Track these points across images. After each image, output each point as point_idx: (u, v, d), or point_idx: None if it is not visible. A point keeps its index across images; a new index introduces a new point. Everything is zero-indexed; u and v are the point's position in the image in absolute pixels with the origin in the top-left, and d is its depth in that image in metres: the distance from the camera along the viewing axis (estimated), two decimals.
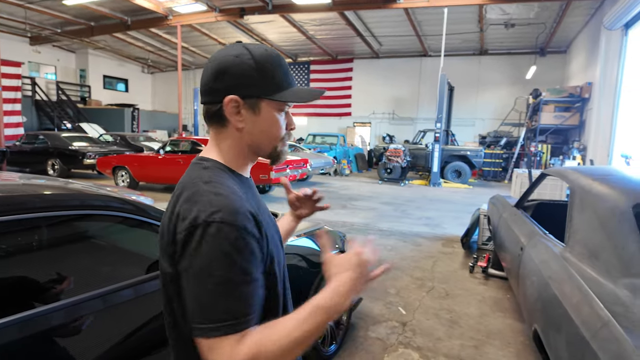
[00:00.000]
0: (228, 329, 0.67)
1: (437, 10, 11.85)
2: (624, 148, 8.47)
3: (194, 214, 0.71)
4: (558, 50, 15.30)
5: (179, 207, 0.75)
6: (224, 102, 0.80)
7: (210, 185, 0.76)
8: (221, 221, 0.69)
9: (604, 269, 1.72)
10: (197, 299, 0.69)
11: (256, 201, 0.86)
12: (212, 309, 0.68)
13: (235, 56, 0.80)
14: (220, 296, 0.68)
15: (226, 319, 0.67)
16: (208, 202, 0.72)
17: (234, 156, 0.86)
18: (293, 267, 2.29)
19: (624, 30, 8.67)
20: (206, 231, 0.69)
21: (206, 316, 0.68)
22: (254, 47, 0.83)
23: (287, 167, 8.37)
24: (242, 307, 0.69)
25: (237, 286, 0.69)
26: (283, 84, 0.84)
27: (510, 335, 3.00)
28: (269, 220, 0.88)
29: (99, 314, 1.36)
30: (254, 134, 0.84)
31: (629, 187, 1.98)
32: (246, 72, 0.80)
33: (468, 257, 4.88)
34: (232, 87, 0.80)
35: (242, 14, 12.88)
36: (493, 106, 16.64)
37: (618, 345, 1.29)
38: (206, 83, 0.82)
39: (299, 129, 19.97)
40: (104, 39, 17.72)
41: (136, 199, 1.81)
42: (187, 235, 0.71)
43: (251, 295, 0.71)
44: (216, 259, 0.68)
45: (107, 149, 11.53)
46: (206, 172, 0.80)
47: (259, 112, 0.83)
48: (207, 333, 0.67)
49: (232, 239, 0.69)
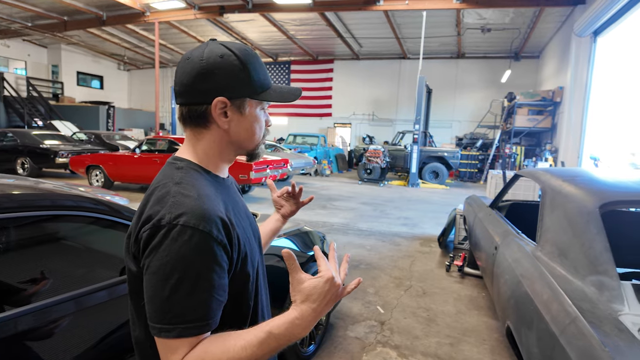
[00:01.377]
0: (180, 332, 0.67)
1: (416, 14, 12.03)
2: (593, 150, 8.82)
3: (160, 215, 0.71)
4: (531, 55, 15.78)
5: (148, 208, 0.74)
6: (212, 104, 0.80)
7: (180, 186, 0.75)
8: (185, 224, 0.69)
9: (572, 267, 1.79)
10: (154, 298, 0.69)
11: (232, 202, 0.86)
12: (167, 310, 0.68)
13: (220, 56, 0.79)
14: (176, 300, 0.68)
15: (179, 322, 0.67)
16: (175, 203, 0.71)
17: (212, 156, 0.85)
18: (271, 268, 2.28)
19: (592, 37, 9.03)
20: (169, 233, 0.69)
21: (162, 317, 0.68)
22: (235, 46, 0.82)
23: (267, 167, 8.32)
24: (197, 313, 0.69)
25: (194, 292, 0.68)
26: (265, 83, 0.85)
27: (485, 333, 3.07)
28: (244, 222, 0.87)
29: (71, 317, 1.32)
30: (238, 133, 0.84)
31: (596, 188, 2.06)
32: (233, 73, 0.80)
33: (445, 257, 4.98)
34: (220, 88, 0.79)
35: (222, 12, 12.74)
36: (470, 108, 17.01)
37: (585, 340, 1.34)
38: (187, 83, 0.80)
39: (280, 128, 19.90)
40: (77, 34, 17.17)
41: (110, 199, 1.77)
42: (150, 235, 0.70)
43: (208, 301, 0.70)
44: (175, 262, 0.68)
45: (80, 147, 11.18)
46: (178, 172, 0.80)
47: (245, 112, 0.83)
48: (160, 333, 0.68)
49: (194, 243, 0.69)
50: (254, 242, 0.90)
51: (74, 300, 1.34)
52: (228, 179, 0.92)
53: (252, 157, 0.90)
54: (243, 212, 0.91)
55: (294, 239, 2.61)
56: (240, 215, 0.87)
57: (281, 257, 2.42)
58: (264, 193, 9.59)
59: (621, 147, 7.66)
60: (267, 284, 0.99)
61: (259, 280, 0.90)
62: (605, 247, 1.69)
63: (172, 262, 0.68)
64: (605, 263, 1.64)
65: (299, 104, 19.63)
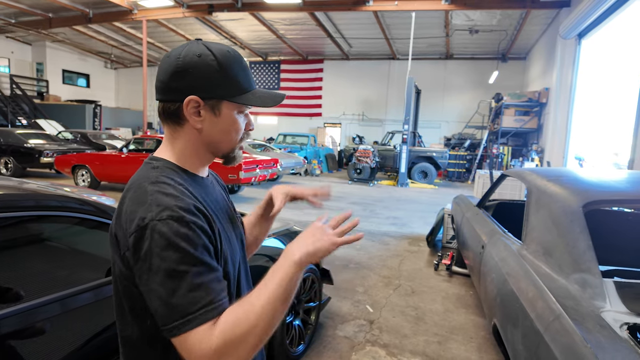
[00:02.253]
0: (200, 320, 0.67)
1: (405, 14, 12.11)
2: (578, 151, 8.99)
3: (141, 215, 0.70)
4: (518, 57, 16.01)
5: (126, 208, 0.74)
6: (183, 102, 0.79)
7: (157, 185, 0.75)
8: (169, 218, 0.69)
9: (556, 265, 1.82)
10: (162, 299, 0.68)
11: (212, 201, 0.85)
12: (180, 305, 0.67)
13: (198, 55, 0.79)
14: (184, 290, 0.67)
15: (195, 310, 0.67)
16: (154, 201, 0.71)
17: (188, 156, 0.85)
18: (260, 268, 2.27)
19: (577, 39, 9.20)
20: (155, 230, 0.68)
21: (176, 313, 0.67)
22: (216, 47, 0.82)
23: (257, 167, 8.30)
24: (208, 295, 0.69)
25: (198, 276, 0.69)
26: (245, 86, 0.84)
27: (473, 330, 3.11)
28: (225, 222, 0.87)
29: (56, 318, 1.30)
30: (212, 134, 0.84)
31: (580, 188, 2.11)
32: (209, 73, 0.79)
33: (433, 255, 5.02)
34: (193, 87, 0.79)
35: (211, 10, 12.65)
36: (458, 109, 17.19)
37: (568, 337, 1.37)
38: (163, 80, 0.81)
39: (270, 128, 19.84)
40: (63, 32, 16.89)
41: (96, 200, 1.74)
42: (138, 237, 0.70)
43: (214, 281, 0.71)
44: (170, 255, 0.68)
45: (66, 146, 11.00)
46: (154, 171, 0.79)
47: (219, 113, 0.82)
48: (181, 329, 0.67)
49: (183, 233, 0.69)
50: (236, 243, 0.90)
51: (59, 302, 1.32)
52: (207, 178, 0.91)
53: (228, 160, 0.89)
54: (224, 211, 0.90)
55: (283, 239, 2.61)
56: (221, 214, 0.87)
57: (270, 257, 2.40)
58: (254, 193, 9.55)
59: (605, 148, 7.82)
60: (253, 286, 0.99)
61: (240, 281, 0.89)
62: (588, 245, 1.73)
63: (168, 256, 0.68)
64: (588, 261, 1.67)
65: (289, 104, 19.61)
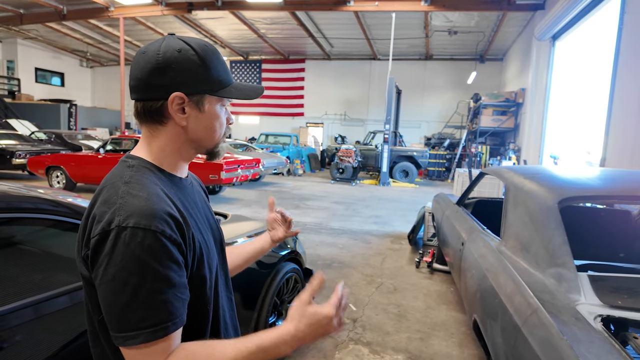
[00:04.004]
0: (147, 337, 0.65)
1: (386, 15, 12.22)
2: (553, 149, 9.25)
3: (108, 218, 0.68)
4: (496, 58, 16.37)
5: (96, 209, 0.71)
6: (168, 99, 0.77)
7: (129, 186, 0.72)
8: (135, 226, 0.66)
9: (533, 260, 1.87)
10: (113, 307, 0.66)
11: (189, 203, 0.83)
12: (129, 317, 0.65)
13: (178, 50, 0.77)
14: (137, 304, 0.65)
15: (144, 327, 0.65)
16: (123, 204, 0.69)
17: (169, 154, 0.83)
18: (245, 270, 2.24)
19: (551, 41, 9.47)
20: (119, 237, 0.66)
21: (124, 325, 0.65)
22: (194, 41, 0.80)
23: (239, 167, 8.22)
24: (160, 315, 0.66)
25: (154, 293, 0.66)
26: (226, 79, 0.83)
27: (454, 326, 3.16)
28: (203, 224, 0.85)
29: (29, 324, 1.25)
30: (197, 131, 0.82)
31: (555, 185, 2.17)
32: (191, 68, 0.77)
33: (414, 253, 5.08)
34: (177, 83, 0.77)
35: (190, 8, 12.46)
36: (438, 109, 17.45)
37: (545, 330, 1.41)
38: (142, 78, 0.78)
39: (252, 128, 19.70)
40: (35, 29, 16.32)
41: (72, 201, 1.69)
42: (100, 240, 0.67)
43: (170, 301, 0.68)
44: (130, 266, 0.65)
45: (39, 147, 10.65)
46: (129, 171, 0.76)
47: (204, 108, 0.81)
48: (126, 342, 0.65)
49: (147, 244, 0.66)
50: (213, 246, 0.88)
51: (33, 307, 1.27)
52: (186, 179, 0.89)
53: (212, 155, 0.88)
54: (202, 214, 0.88)
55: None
56: (199, 217, 0.85)
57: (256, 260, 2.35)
58: (235, 193, 9.47)
59: (578, 146, 8.08)
60: (232, 288, 0.96)
61: (218, 284, 0.87)
62: (563, 240, 1.78)
63: (127, 266, 0.65)
64: (564, 256, 1.72)
65: (271, 104, 19.52)
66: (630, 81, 5.31)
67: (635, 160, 4.94)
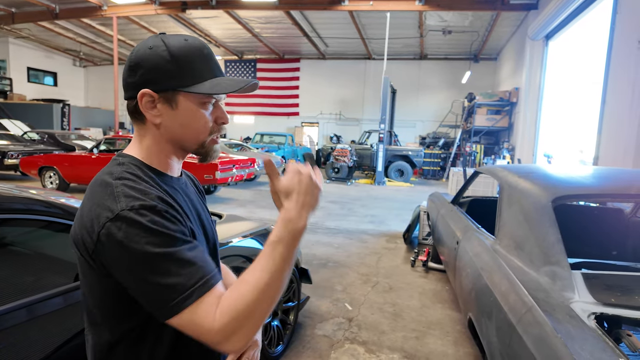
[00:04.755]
0: (200, 291, 0.66)
1: (380, 15, 12.23)
2: (547, 148, 9.31)
3: (108, 208, 0.68)
4: (490, 58, 16.45)
5: (90, 205, 0.71)
6: (137, 96, 0.77)
7: (122, 180, 0.73)
8: (140, 207, 0.68)
9: (528, 258, 1.88)
10: (154, 285, 0.66)
11: (182, 201, 0.82)
12: (174, 283, 0.66)
13: (149, 48, 0.77)
14: (175, 269, 0.66)
15: (192, 284, 0.66)
16: (121, 193, 0.70)
17: (156, 153, 0.82)
18: (235, 270, 2.22)
19: (545, 41, 9.53)
20: (127, 220, 0.67)
21: (172, 291, 0.66)
22: (173, 38, 0.79)
23: (234, 167, 8.19)
24: (200, 269, 0.68)
25: (184, 253, 0.68)
26: (203, 75, 0.79)
27: (449, 325, 3.17)
28: (194, 223, 0.83)
29: (23, 326, 1.24)
30: (173, 128, 0.80)
31: (549, 183, 2.18)
32: (159, 64, 0.76)
33: (410, 252, 5.09)
34: (145, 80, 0.76)
35: (184, 8, 12.39)
36: (432, 108, 17.51)
37: (540, 328, 1.41)
38: (123, 78, 0.80)
39: (247, 127, 19.64)
40: (27, 28, 16.16)
41: (65, 202, 1.67)
42: (109, 233, 0.67)
43: (201, 256, 0.71)
44: (152, 240, 0.67)
45: (32, 147, 10.55)
46: (119, 168, 0.77)
47: (177, 105, 0.78)
48: (183, 305, 0.65)
49: (157, 220, 0.68)
50: (205, 247, 0.86)
51: (26, 309, 1.26)
52: (179, 179, 0.88)
53: (202, 156, 0.85)
54: (195, 213, 0.87)
55: (260, 239, 2.58)
56: (191, 216, 0.83)
57: (246, 258, 2.36)
58: (230, 193, 9.44)
59: (571, 145, 8.14)
60: None
61: None
62: (557, 238, 1.79)
63: (150, 241, 0.66)
64: (558, 254, 1.73)
65: (266, 103, 19.50)
66: (622, 80, 5.36)
67: (628, 158, 4.99)
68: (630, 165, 4.88)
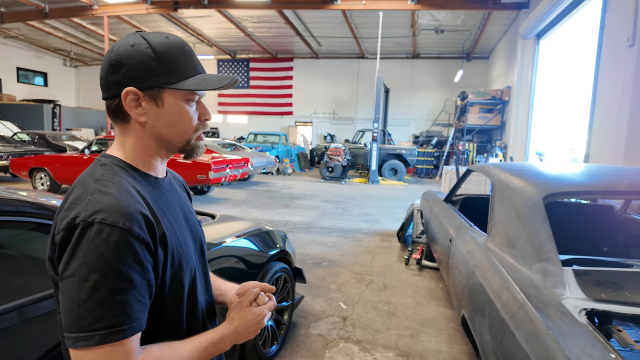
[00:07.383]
0: (101, 339, 0.63)
1: (373, 14, 12.25)
2: (538, 146, 9.39)
3: (75, 213, 0.66)
4: (482, 56, 16.55)
5: (65, 207, 0.70)
6: (121, 95, 0.75)
7: (100, 183, 0.71)
8: (102, 222, 0.65)
9: (520, 256, 1.89)
10: (69, 305, 0.63)
11: (165, 203, 0.81)
12: (84, 316, 0.63)
13: (131, 45, 0.76)
14: (94, 303, 0.63)
15: (99, 328, 0.63)
16: (92, 200, 0.67)
17: (140, 153, 0.81)
18: (229, 270, 2.23)
19: (536, 39, 9.60)
20: (84, 232, 0.64)
21: (78, 324, 0.63)
22: (154, 35, 0.78)
23: (227, 167, 8.16)
24: (117, 316, 0.64)
25: (114, 293, 0.64)
26: (187, 71, 0.79)
27: (443, 323, 3.19)
28: (179, 225, 0.82)
29: (12, 329, 1.23)
30: (159, 127, 0.79)
31: (541, 181, 2.20)
32: (144, 61, 0.75)
33: (404, 250, 5.11)
34: (129, 78, 0.75)
35: (176, 7, 12.31)
36: (425, 107, 17.58)
37: (532, 324, 1.42)
38: (102, 77, 0.77)
39: (240, 127, 19.57)
40: (16, 27, 15.95)
41: (56, 204, 1.65)
42: (65, 235, 0.66)
43: (129, 303, 0.66)
44: (93, 262, 0.63)
45: (22, 149, 10.43)
46: (101, 169, 0.76)
47: (162, 103, 0.78)
48: (77, 343, 0.63)
49: (112, 241, 0.65)
50: (191, 248, 0.85)
51: (16, 311, 1.25)
52: (164, 179, 0.87)
53: (186, 154, 0.84)
54: (180, 214, 0.86)
55: (253, 239, 2.57)
56: (176, 217, 0.83)
57: (239, 258, 2.35)
58: (224, 193, 9.40)
59: (562, 143, 8.21)
60: (211, 291, 0.95)
61: (196, 288, 0.85)
62: (549, 236, 1.80)
63: (90, 262, 0.63)
64: (549, 251, 1.75)
65: (259, 102, 19.43)
66: (612, 79, 5.42)
67: (618, 155, 5.04)
68: (620, 162, 4.94)
